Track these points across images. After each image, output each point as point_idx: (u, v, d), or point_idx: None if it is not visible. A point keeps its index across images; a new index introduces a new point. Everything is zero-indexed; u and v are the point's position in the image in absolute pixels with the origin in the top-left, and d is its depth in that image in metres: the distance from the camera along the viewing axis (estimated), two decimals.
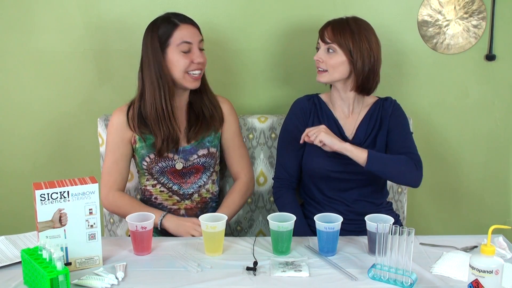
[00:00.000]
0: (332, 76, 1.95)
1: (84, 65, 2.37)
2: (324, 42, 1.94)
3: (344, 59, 1.92)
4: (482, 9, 2.31)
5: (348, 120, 2.03)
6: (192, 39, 1.92)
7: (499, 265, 1.34)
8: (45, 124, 2.43)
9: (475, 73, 2.39)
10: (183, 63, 1.90)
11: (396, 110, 2.02)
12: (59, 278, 1.38)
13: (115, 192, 1.99)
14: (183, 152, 1.99)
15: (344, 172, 1.96)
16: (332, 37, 1.92)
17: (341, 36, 1.92)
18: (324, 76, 1.96)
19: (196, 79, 1.94)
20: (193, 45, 1.92)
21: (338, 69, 1.93)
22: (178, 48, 1.90)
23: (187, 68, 1.91)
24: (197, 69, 1.92)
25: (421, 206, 2.51)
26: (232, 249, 1.71)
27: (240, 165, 2.10)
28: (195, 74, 1.93)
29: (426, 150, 2.45)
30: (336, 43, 1.92)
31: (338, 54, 1.92)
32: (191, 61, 1.91)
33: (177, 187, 2.02)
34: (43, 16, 2.32)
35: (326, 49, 1.94)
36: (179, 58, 1.90)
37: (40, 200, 1.50)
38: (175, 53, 1.90)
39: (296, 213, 1.74)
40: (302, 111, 2.03)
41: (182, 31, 1.91)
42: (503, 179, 2.50)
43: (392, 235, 1.46)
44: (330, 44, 1.92)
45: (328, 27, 1.95)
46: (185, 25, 1.93)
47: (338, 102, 2.04)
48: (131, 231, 1.67)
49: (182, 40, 1.90)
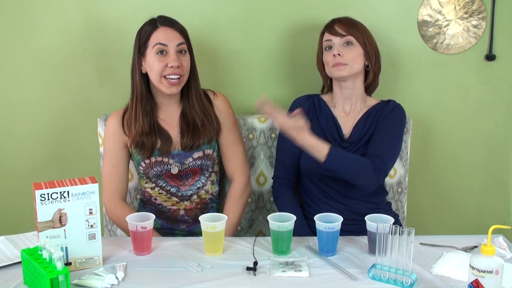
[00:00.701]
0: (352, 68, 1.94)
1: (84, 65, 2.37)
2: (340, 36, 1.94)
3: (362, 51, 1.95)
4: (482, 9, 2.31)
5: (346, 119, 2.03)
6: (168, 42, 1.89)
7: (499, 265, 1.34)
8: (45, 124, 2.43)
9: (475, 73, 2.39)
10: (158, 66, 1.88)
11: (393, 112, 1.99)
12: (59, 278, 1.38)
13: (116, 202, 1.99)
14: (177, 156, 1.97)
15: None
16: (346, 30, 1.94)
17: (354, 29, 1.95)
18: (345, 69, 1.94)
19: (172, 84, 1.90)
20: (169, 48, 1.89)
21: (357, 61, 1.95)
22: (153, 50, 1.88)
23: (163, 72, 1.88)
24: (173, 73, 1.88)
25: (421, 206, 2.51)
26: (232, 249, 1.71)
27: (234, 164, 2.07)
28: (172, 79, 1.89)
29: (426, 150, 2.46)
30: (352, 35, 1.94)
31: (355, 47, 1.94)
32: (166, 64, 1.88)
33: (175, 189, 2.01)
34: (43, 16, 2.32)
35: (343, 43, 1.94)
36: (154, 60, 1.88)
37: (40, 200, 1.50)
38: (151, 55, 1.89)
39: (296, 212, 1.74)
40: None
41: (160, 33, 1.90)
42: (503, 179, 2.50)
43: (392, 235, 1.46)
44: (347, 37, 1.94)
45: (336, 23, 1.97)
46: (163, 27, 1.90)
47: (340, 101, 2.03)
48: (131, 231, 1.67)
49: (157, 41, 1.88)
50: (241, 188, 2.06)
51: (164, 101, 1.99)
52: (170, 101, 1.99)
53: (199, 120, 1.98)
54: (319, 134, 1.99)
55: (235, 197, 2.04)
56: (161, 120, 1.99)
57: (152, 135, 1.94)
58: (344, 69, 1.94)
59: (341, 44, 1.95)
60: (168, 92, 1.91)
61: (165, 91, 1.91)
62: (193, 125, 1.97)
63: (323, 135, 1.99)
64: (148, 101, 1.96)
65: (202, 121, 1.98)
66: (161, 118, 1.99)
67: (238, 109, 2.27)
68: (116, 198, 1.99)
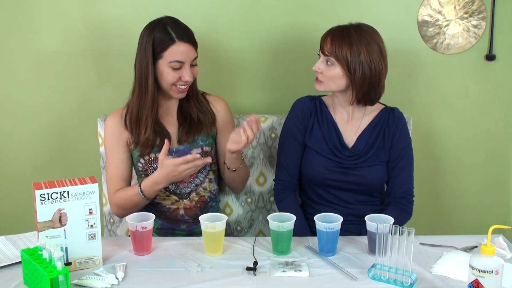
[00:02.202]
0: (328, 87, 1.93)
1: (84, 65, 2.37)
2: (323, 54, 1.91)
3: (342, 73, 1.88)
4: (482, 9, 2.31)
5: (348, 127, 2.00)
6: (186, 59, 1.88)
7: (499, 265, 1.34)
8: (45, 124, 2.43)
9: (475, 73, 2.39)
10: (172, 77, 1.88)
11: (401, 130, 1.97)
12: (59, 278, 1.38)
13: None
14: (176, 153, 1.98)
15: (341, 181, 1.96)
16: (330, 49, 1.88)
17: (339, 48, 1.86)
18: (321, 86, 1.94)
19: (182, 91, 1.93)
20: (185, 63, 1.89)
21: (335, 82, 1.90)
22: (169, 64, 1.87)
23: (175, 82, 1.90)
24: (184, 84, 1.91)
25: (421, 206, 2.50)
26: (232, 249, 1.71)
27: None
28: (182, 87, 1.92)
29: (426, 150, 2.45)
30: (334, 56, 1.87)
31: (336, 67, 1.88)
32: (179, 77, 1.89)
33: (174, 186, 2.02)
34: (43, 16, 2.32)
35: (325, 61, 1.91)
36: (169, 72, 1.88)
37: (40, 200, 1.50)
38: (166, 67, 1.88)
39: (298, 217, 1.73)
40: (303, 112, 2.02)
41: (178, 48, 1.87)
42: (503, 179, 2.50)
43: (392, 235, 1.46)
44: (328, 57, 1.89)
45: (328, 37, 1.90)
46: (182, 43, 1.87)
47: (338, 108, 2.02)
48: (131, 231, 1.67)
49: (175, 59, 1.87)
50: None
51: (165, 101, 2.00)
52: (171, 100, 2.01)
53: (195, 115, 2.00)
54: (320, 139, 1.99)
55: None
56: (160, 117, 2.00)
57: (153, 133, 1.95)
58: (320, 85, 1.94)
59: (323, 61, 1.91)
60: (177, 97, 1.95)
61: (174, 96, 1.94)
62: (189, 119, 1.99)
63: (324, 141, 1.98)
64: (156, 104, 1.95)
65: (198, 116, 2.00)
66: (160, 115, 2.01)
67: (237, 109, 2.27)
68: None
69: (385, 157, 1.96)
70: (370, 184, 1.96)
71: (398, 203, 1.96)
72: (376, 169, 1.95)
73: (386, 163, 1.97)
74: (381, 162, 1.96)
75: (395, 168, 1.97)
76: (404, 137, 1.99)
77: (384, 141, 1.97)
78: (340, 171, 1.95)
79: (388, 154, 1.97)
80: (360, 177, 1.94)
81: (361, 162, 1.95)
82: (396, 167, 1.96)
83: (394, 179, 1.97)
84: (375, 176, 1.95)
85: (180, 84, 1.91)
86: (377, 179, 1.96)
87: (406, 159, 1.98)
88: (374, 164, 1.95)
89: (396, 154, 1.96)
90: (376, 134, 1.97)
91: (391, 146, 1.96)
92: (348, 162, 1.95)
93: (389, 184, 1.99)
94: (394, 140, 1.96)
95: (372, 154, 1.95)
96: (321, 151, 1.97)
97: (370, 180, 1.95)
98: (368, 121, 1.99)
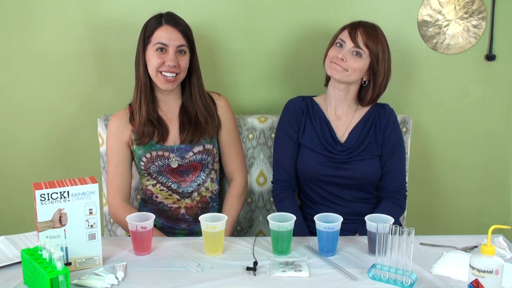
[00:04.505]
0: (350, 77, 1.92)
1: (84, 65, 2.37)
2: (355, 44, 1.89)
3: (367, 66, 1.91)
4: (482, 9, 2.31)
5: (339, 123, 2.02)
6: (169, 42, 1.92)
7: (499, 265, 1.34)
8: (44, 124, 2.43)
9: (475, 73, 2.39)
10: (156, 61, 1.92)
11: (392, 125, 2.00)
12: (59, 278, 1.38)
13: (118, 202, 2.00)
14: (178, 150, 1.99)
15: (336, 176, 1.96)
16: (365, 41, 1.88)
17: (374, 43, 1.89)
18: (341, 73, 1.91)
19: (168, 81, 1.94)
20: (169, 47, 1.92)
21: (357, 73, 1.92)
22: (154, 47, 1.93)
23: (159, 68, 1.93)
24: (168, 71, 1.93)
25: (421, 206, 2.51)
26: (232, 249, 1.71)
27: (235, 164, 2.11)
28: (167, 76, 1.93)
29: (426, 150, 2.45)
30: (368, 49, 1.89)
31: (363, 60, 1.90)
32: (163, 61, 1.92)
33: (176, 185, 2.02)
34: (43, 16, 2.32)
35: (353, 51, 1.90)
36: (153, 55, 1.93)
37: (40, 200, 1.50)
38: (152, 50, 1.94)
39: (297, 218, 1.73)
40: (295, 111, 2.03)
41: (162, 32, 1.93)
42: (503, 179, 2.50)
43: (392, 235, 1.46)
44: (359, 49, 1.89)
45: (359, 28, 1.90)
46: (167, 26, 1.94)
47: (332, 103, 2.02)
48: (131, 231, 1.67)
49: (159, 40, 1.93)
50: (241, 185, 2.10)
51: (162, 96, 2.03)
52: (169, 97, 2.03)
53: (202, 117, 2.01)
54: (313, 136, 1.99)
55: (237, 194, 2.08)
56: (162, 113, 2.03)
57: (152, 124, 1.98)
58: (340, 72, 1.91)
59: (351, 51, 1.90)
60: (163, 87, 1.96)
61: (161, 86, 1.96)
62: (195, 121, 2.01)
63: (317, 138, 1.99)
64: (151, 91, 2.00)
65: (205, 119, 2.02)
66: (162, 111, 2.03)
67: (238, 109, 2.27)
68: (117, 198, 2.00)
69: (377, 151, 1.98)
70: (365, 178, 1.97)
71: (392, 198, 1.97)
72: (369, 162, 1.97)
73: (378, 157, 1.98)
74: (374, 156, 1.98)
75: (388, 163, 1.99)
76: (396, 132, 2.01)
77: (376, 136, 1.99)
78: (334, 166, 1.96)
79: (381, 148, 1.98)
80: (354, 171, 1.95)
81: (354, 156, 1.96)
82: (389, 162, 1.98)
83: (387, 174, 1.99)
84: (369, 170, 1.96)
85: (165, 70, 1.92)
86: (370, 173, 1.97)
87: (399, 154, 2.00)
88: (366, 157, 1.97)
89: (388, 149, 1.98)
90: (368, 129, 1.99)
91: (383, 141, 1.99)
92: (341, 156, 1.96)
93: (382, 179, 2.00)
94: (386, 135, 1.99)
95: (364, 148, 1.97)
96: (314, 147, 1.98)
97: (364, 174, 1.96)
98: (359, 116, 2.02)
